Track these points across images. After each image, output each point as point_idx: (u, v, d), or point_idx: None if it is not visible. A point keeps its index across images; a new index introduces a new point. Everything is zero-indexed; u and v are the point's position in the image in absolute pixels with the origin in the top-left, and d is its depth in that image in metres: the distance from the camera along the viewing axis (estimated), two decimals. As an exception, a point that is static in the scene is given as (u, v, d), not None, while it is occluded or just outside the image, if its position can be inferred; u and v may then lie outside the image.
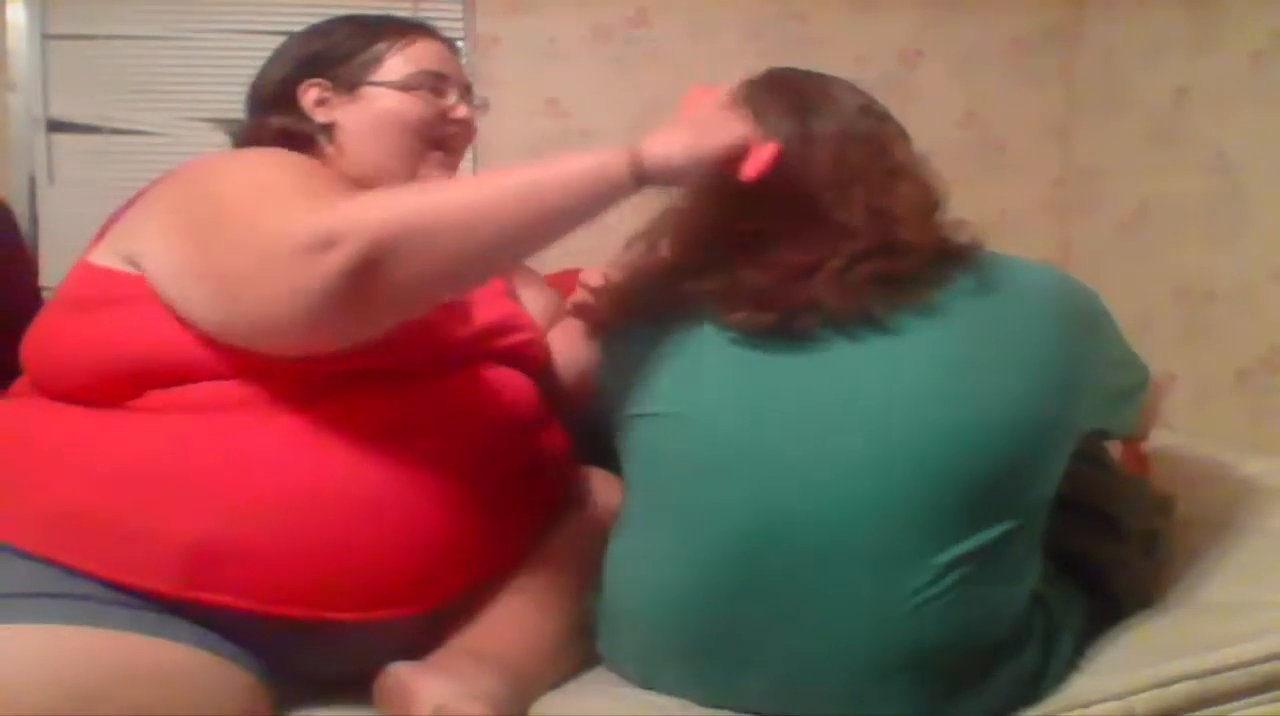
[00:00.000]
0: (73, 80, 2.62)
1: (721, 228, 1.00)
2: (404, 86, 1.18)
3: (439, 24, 1.27)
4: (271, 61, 1.23)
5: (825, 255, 0.95)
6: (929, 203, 0.99)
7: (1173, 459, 1.47)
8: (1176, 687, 0.97)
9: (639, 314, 1.05)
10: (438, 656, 0.98)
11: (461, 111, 1.22)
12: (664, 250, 1.05)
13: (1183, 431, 1.72)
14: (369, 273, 0.87)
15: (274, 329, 0.92)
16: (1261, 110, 2.25)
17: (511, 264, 0.95)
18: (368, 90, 1.18)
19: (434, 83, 1.20)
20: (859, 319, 0.95)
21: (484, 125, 2.93)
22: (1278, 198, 2.22)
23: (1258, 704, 0.98)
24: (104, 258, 1.04)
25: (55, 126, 2.63)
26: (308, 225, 0.87)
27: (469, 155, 2.85)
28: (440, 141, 1.21)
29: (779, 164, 0.95)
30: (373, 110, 1.18)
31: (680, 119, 0.98)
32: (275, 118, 1.18)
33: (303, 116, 1.18)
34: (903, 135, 1.06)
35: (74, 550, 0.90)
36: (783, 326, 0.95)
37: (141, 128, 2.58)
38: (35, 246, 2.50)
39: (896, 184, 0.99)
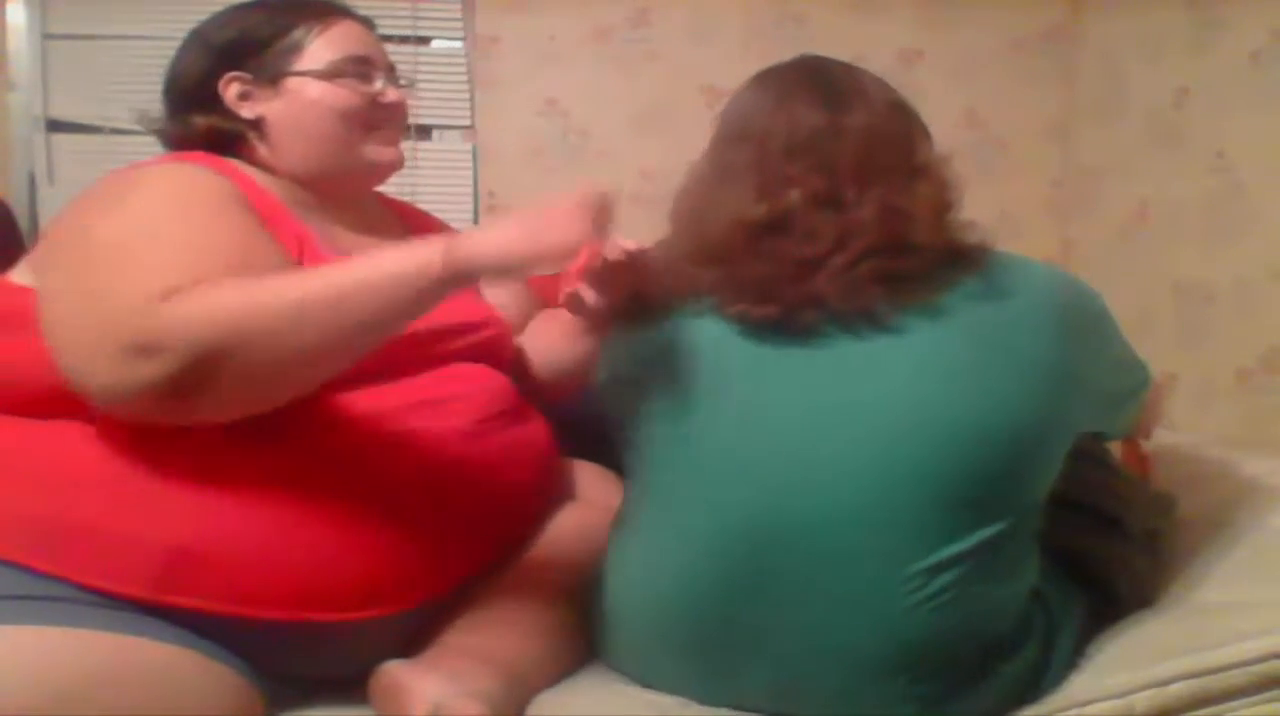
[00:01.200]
0: (73, 80, 2.62)
1: (732, 217, 0.99)
2: (328, 75, 1.14)
3: (439, 24, 1.27)
4: (186, 51, 1.19)
5: (832, 250, 0.94)
6: (944, 204, 0.99)
7: (1173, 459, 1.47)
8: (1176, 686, 0.97)
9: (639, 310, 1.05)
10: (433, 654, 0.98)
11: (390, 95, 1.19)
12: (671, 239, 1.04)
13: (1183, 431, 1.72)
14: (189, 380, 0.86)
15: (101, 406, 0.92)
16: (1261, 110, 2.24)
17: (343, 364, 0.94)
18: (291, 81, 1.14)
19: (358, 68, 1.16)
20: (863, 317, 0.94)
21: (484, 125, 2.94)
22: (1278, 198, 2.22)
23: (1257, 703, 0.97)
24: (22, 274, 1.04)
25: (55, 126, 2.63)
26: (133, 328, 0.86)
27: (470, 158, 2.86)
28: (373, 125, 1.18)
29: (809, 149, 0.96)
30: (299, 103, 1.14)
31: (522, 215, 0.95)
32: (200, 116, 1.15)
33: (227, 113, 1.14)
34: (926, 134, 1.07)
35: (51, 557, 0.90)
36: (784, 320, 0.95)
37: (141, 128, 2.58)
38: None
39: (916, 184, 0.98)
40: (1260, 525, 1.24)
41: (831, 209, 0.96)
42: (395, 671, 0.92)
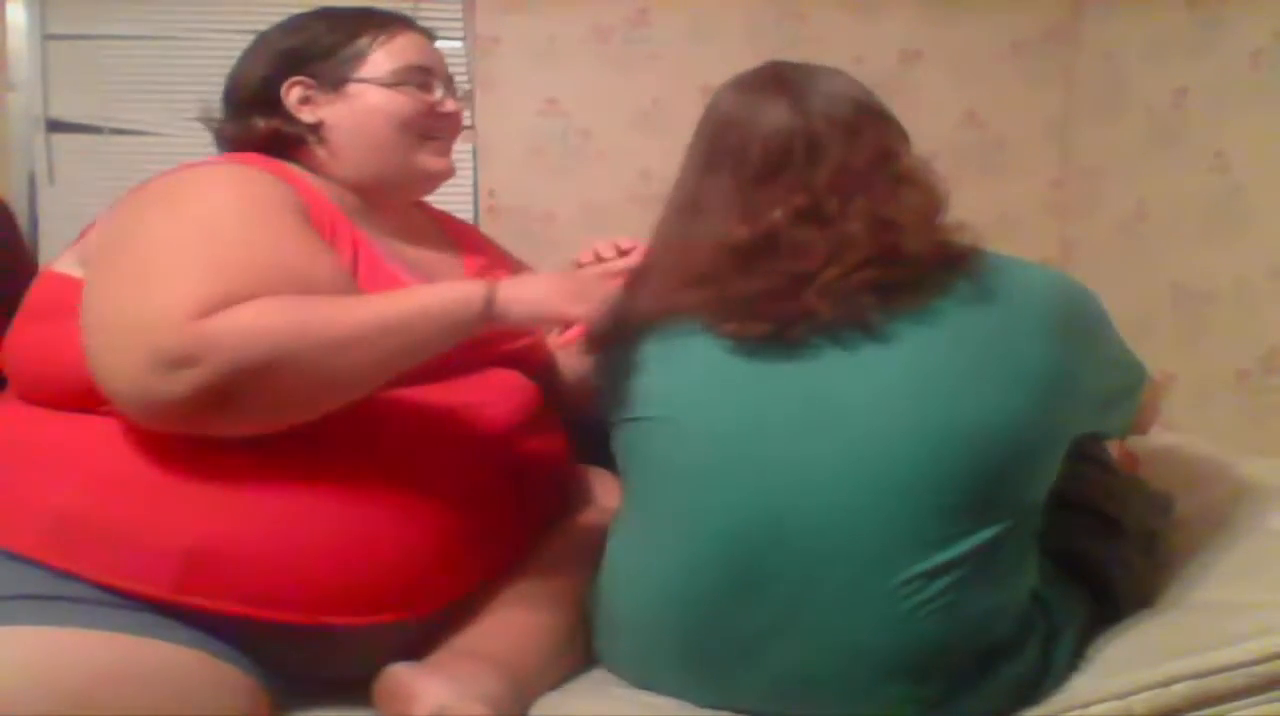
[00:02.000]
0: (73, 80, 2.62)
1: (715, 242, 0.98)
2: (390, 82, 1.17)
3: (439, 24, 1.27)
4: (249, 58, 1.20)
5: (822, 264, 0.94)
6: (933, 209, 0.99)
7: (1172, 459, 1.46)
8: (1176, 688, 0.97)
9: (633, 326, 1.04)
10: (437, 657, 0.98)
11: (449, 105, 1.22)
12: (661, 259, 1.04)
13: (1183, 431, 1.72)
14: (223, 394, 0.87)
15: (128, 412, 0.92)
16: (1261, 110, 2.24)
17: (373, 388, 0.97)
18: (353, 88, 1.16)
19: (420, 77, 1.19)
20: (854, 326, 0.94)
21: (484, 125, 2.94)
22: (1278, 198, 2.22)
23: (1257, 704, 0.97)
24: (67, 265, 1.03)
25: (55, 126, 2.63)
26: (175, 337, 0.86)
27: (470, 158, 2.86)
28: (429, 134, 1.20)
29: (784, 165, 0.97)
30: (360, 108, 1.16)
31: (558, 278, 1.02)
32: (261, 119, 1.16)
33: (288, 117, 1.16)
34: (903, 136, 1.06)
35: (67, 554, 0.90)
36: (775, 336, 0.95)
37: (141, 128, 2.59)
38: (35, 246, 2.50)
39: (901, 192, 0.98)
40: (1260, 525, 1.24)
41: (817, 224, 0.95)
42: (400, 674, 0.92)
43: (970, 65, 2.87)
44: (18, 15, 2.59)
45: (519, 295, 0.98)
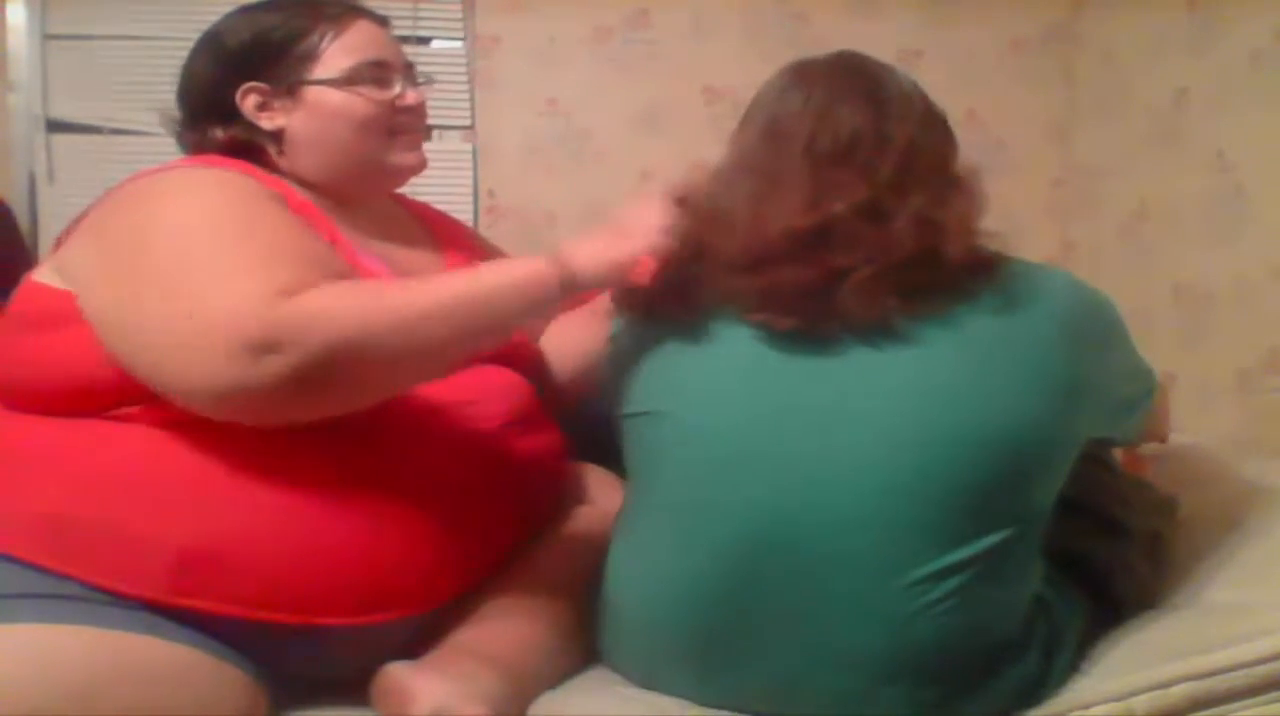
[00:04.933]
0: (73, 80, 2.62)
1: (784, 225, 0.96)
2: (346, 82, 1.13)
3: (439, 24, 1.26)
4: (199, 54, 1.17)
5: (861, 261, 0.93)
6: (975, 216, 0.98)
7: (1174, 459, 1.46)
8: (1177, 689, 0.97)
9: (657, 305, 1.02)
10: (436, 656, 0.98)
11: (410, 98, 1.18)
12: (705, 240, 1.00)
13: (1183, 432, 1.71)
14: (313, 377, 0.88)
15: (205, 407, 0.92)
16: (1261, 110, 2.24)
17: (455, 365, 0.99)
18: (309, 92, 1.13)
19: (376, 73, 1.15)
20: (878, 327, 0.94)
21: (484, 125, 2.94)
22: (1278, 198, 2.22)
23: (1258, 705, 0.97)
24: (46, 274, 1.03)
25: (55, 126, 2.63)
26: (259, 324, 0.87)
27: (470, 158, 2.86)
28: (395, 131, 1.17)
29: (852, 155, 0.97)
30: (319, 113, 1.13)
31: (611, 226, 1.02)
32: (219, 128, 1.13)
33: (247, 124, 1.13)
34: (954, 143, 1.06)
35: (61, 556, 0.90)
36: (804, 331, 0.95)
37: (141, 128, 2.58)
38: (35, 246, 2.50)
39: (951, 196, 0.98)
40: (1260, 526, 1.24)
41: (872, 219, 0.95)
42: (398, 672, 0.92)
43: (970, 65, 2.87)
44: (18, 15, 2.59)
45: (589, 260, 0.98)
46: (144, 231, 0.98)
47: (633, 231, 1.00)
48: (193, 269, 0.92)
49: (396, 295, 0.93)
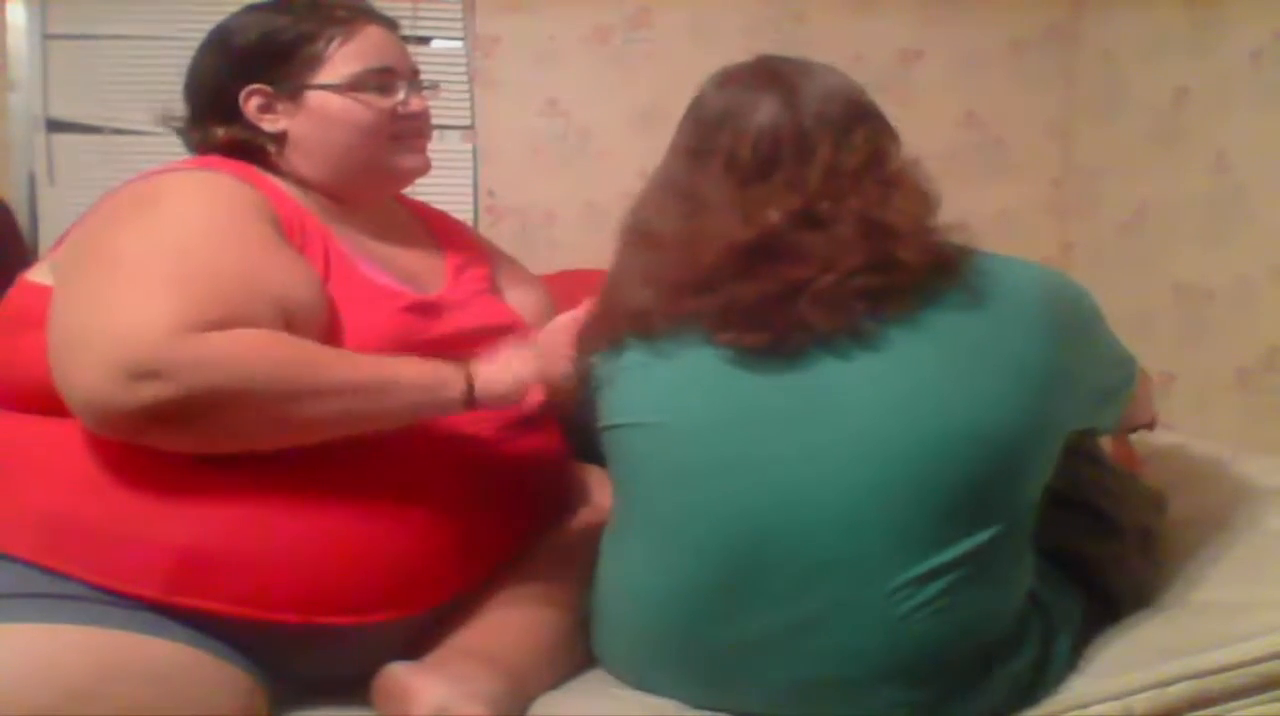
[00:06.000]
0: (73, 80, 2.62)
1: (725, 242, 0.95)
2: (349, 88, 1.13)
3: (439, 24, 1.26)
4: (206, 52, 1.17)
5: (817, 271, 0.92)
6: (925, 214, 0.97)
7: (1172, 458, 1.47)
8: (1175, 688, 0.97)
9: (623, 334, 1.02)
10: (436, 656, 0.98)
11: (413, 105, 1.18)
12: (656, 265, 1.00)
13: (1183, 431, 1.72)
14: (177, 414, 0.87)
15: (78, 413, 0.91)
16: (1261, 110, 2.24)
17: (332, 437, 0.97)
18: (312, 96, 1.13)
19: (380, 80, 1.15)
20: (847, 333, 0.93)
21: (484, 125, 2.94)
22: (1278, 198, 2.22)
23: (1256, 703, 0.97)
24: (41, 273, 1.03)
25: (55, 126, 2.62)
26: (147, 352, 0.87)
27: (470, 158, 2.86)
28: (397, 136, 1.17)
29: (776, 164, 0.96)
30: (321, 118, 1.13)
31: (527, 353, 1.05)
32: (221, 128, 1.14)
33: (250, 126, 1.13)
34: (894, 136, 1.04)
35: (59, 555, 0.90)
36: (773, 346, 0.94)
37: (141, 128, 2.58)
38: (35, 246, 2.50)
39: (891, 195, 0.96)
40: (1259, 525, 1.24)
41: (812, 227, 0.94)
42: (399, 673, 0.92)
43: (970, 65, 2.87)
44: (18, 15, 2.59)
45: (496, 381, 1.01)
46: (103, 238, 0.98)
47: (548, 356, 1.03)
48: (124, 283, 0.92)
49: (298, 361, 0.93)
